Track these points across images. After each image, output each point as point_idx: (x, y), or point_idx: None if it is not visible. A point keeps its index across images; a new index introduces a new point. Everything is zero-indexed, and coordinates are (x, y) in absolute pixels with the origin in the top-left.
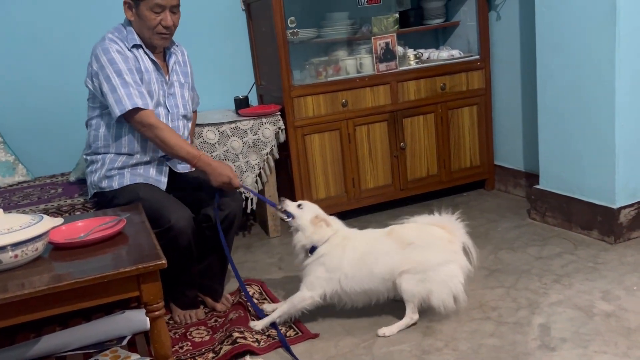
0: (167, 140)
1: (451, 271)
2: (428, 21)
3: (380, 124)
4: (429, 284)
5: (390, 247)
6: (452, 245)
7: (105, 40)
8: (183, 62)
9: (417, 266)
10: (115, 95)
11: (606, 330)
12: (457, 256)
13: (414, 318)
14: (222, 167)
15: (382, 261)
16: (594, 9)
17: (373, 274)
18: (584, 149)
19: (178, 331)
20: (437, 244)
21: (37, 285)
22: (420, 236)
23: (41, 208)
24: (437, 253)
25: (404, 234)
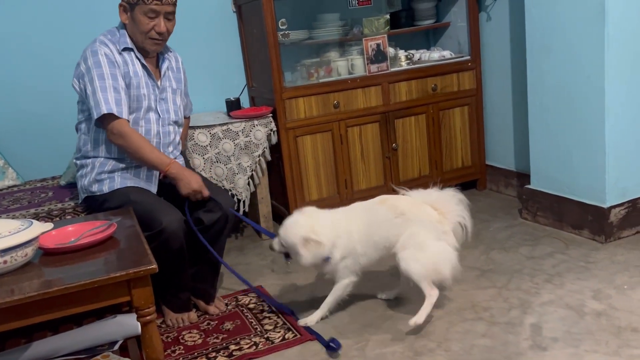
0: (138, 148)
1: (444, 248)
2: (419, 22)
3: (372, 125)
4: (432, 257)
5: (384, 215)
6: (442, 226)
7: (96, 43)
8: (177, 68)
9: (409, 240)
10: (95, 98)
11: (597, 329)
12: (446, 236)
13: (434, 294)
14: (192, 175)
15: (378, 231)
16: (583, 10)
17: (377, 244)
18: (574, 148)
19: (170, 335)
20: (427, 221)
21: (27, 291)
22: (411, 209)
23: (31, 212)
24: (427, 228)
25: (396, 202)
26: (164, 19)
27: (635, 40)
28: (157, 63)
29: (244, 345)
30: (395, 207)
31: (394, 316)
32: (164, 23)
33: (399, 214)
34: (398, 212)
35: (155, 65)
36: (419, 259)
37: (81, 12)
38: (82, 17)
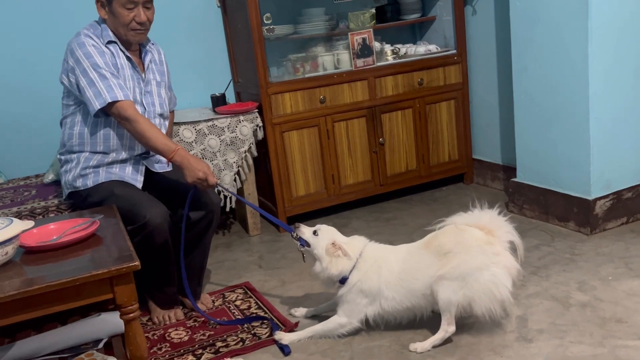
0: (144, 132)
1: (494, 276)
2: (405, 16)
3: (358, 120)
4: (469, 292)
5: (428, 261)
6: (492, 247)
7: (81, 35)
8: (159, 61)
9: (452, 271)
10: (94, 89)
11: (582, 320)
12: (499, 258)
13: (450, 331)
14: (199, 163)
15: (420, 277)
16: (567, 4)
17: (414, 292)
18: (559, 141)
19: (156, 332)
20: (474, 248)
21: (7, 290)
22: (458, 241)
23: (14, 211)
24: (474, 257)
25: (441, 242)
26: (142, 8)
27: (619, 33)
28: (140, 56)
29: (231, 342)
30: (441, 247)
31: None
32: (144, 12)
33: (445, 254)
34: (444, 252)
35: (138, 58)
36: (453, 288)
37: (59, 10)
38: (60, 16)
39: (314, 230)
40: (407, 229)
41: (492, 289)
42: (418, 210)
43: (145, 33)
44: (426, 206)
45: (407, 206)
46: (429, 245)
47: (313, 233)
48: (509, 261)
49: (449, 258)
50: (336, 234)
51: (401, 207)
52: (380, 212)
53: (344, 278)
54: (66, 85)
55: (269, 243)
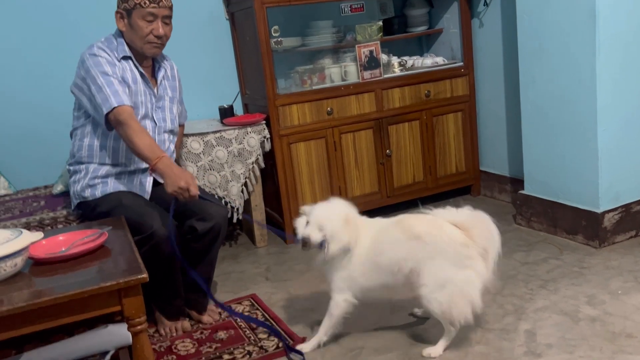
0: (132, 137)
1: (467, 278)
2: (412, 29)
3: (365, 132)
4: (453, 301)
5: (396, 237)
6: (467, 250)
7: (94, 47)
8: (172, 76)
9: (433, 280)
10: (102, 95)
11: (591, 335)
12: (471, 262)
13: (453, 330)
14: (182, 172)
15: (386, 252)
16: (574, 16)
17: (380, 267)
18: (567, 153)
19: (163, 344)
20: (448, 249)
21: (17, 302)
22: (429, 232)
23: (23, 222)
24: (448, 260)
25: (412, 223)
26: (161, 22)
27: (627, 45)
28: (153, 72)
29: (238, 355)
30: (411, 228)
31: (388, 323)
32: (162, 26)
33: (414, 237)
34: (413, 234)
35: (151, 74)
36: (439, 300)
37: (69, 24)
38: (70, 30)
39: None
40: None
41: (464, 291)
42: None
43: (161, 48)
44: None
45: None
46: (400, 222)
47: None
48: (480, 267)
49: (417, 243)
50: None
51: None
52: None
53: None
54: (76, 95)
55: (276, 255)
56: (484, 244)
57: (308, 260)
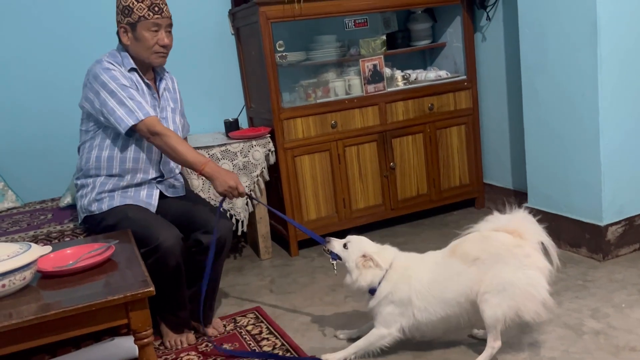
0: (176, 146)
1: (531, 278)
2: (415, 42)
3: (369, 145)
4: (513, 301)
5: (456, 268)
6: (522, 249)
7: (103, 62)
8: (173, 89)
9: (491, 284)
10: (125, 108)
11: (595, 348)
12: (531, 260)
13: (496, 346)
14: (229, 173)
15: (451, 285)
16: (576, 30)
17: (446, 300)
18: (570, 167)
19: (168, 357)
20: (504, 253)
21: (25, 315)
22: (484, 248)
23: (30, 234)
24: (507, 264)
25: (466, 249)
26: (165, 31)
27: (629, 57)
28: (155, 83)
29: None
30: (467, 254)
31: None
32: (166, 36)
33: (473, 261)
34: (471, 259)
35: (154, 85)
36: (498, 303)
37: (79, 36)
38: (78, 41)
39: (344, 244)
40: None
41: (532, 292)
42: (429, 235)
43: (166, 57)
44: (437, 230)
45: (418, 230)
46: (454, 253)
47: (344, 246)
48: (541, 262)
49: (478, 265)
50: (367, 245)
51: (412, 232)
52: (391, 236)
53: (373, 289)
54: (87, 109)
55: (280, 267)
56: (537, 238)
57: (312, 273)
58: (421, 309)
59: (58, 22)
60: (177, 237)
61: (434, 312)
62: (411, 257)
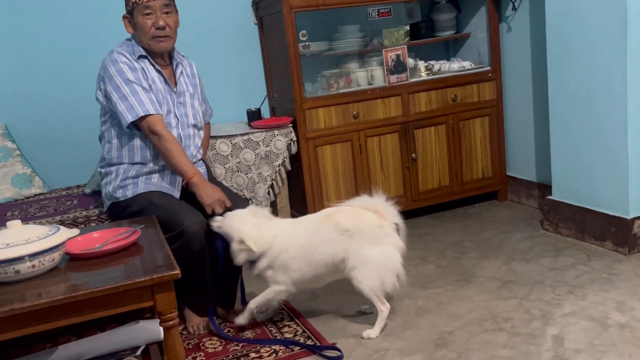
0: (170, 150)
1: (388, 253)
2: (439, 33)
3: (391, 135)
4: (377, 273)
5: (327, 235)
6: (383, 229)
7: (114, 53)
8: (191, 74)
9: (357, 259)
10: (126, 103)
11: (620, 341)
12: (389, 238)
13: (385, 309)
14: (215, 187)
15: (321, 249)
16: (605, 20)
17: (316, 262)
18: (596, 159)
19: (191, 341)
20: (369, 231)
21: (54, 295)
22: (354, 223)
23: (57, 219)
24: (369, 241)
25: (339, 219)
26: (162, 14)
27: None
28: (173, 70)
29: (264, 353)
30: (339, 224)
31: (414, 325)
32: (163, 18)
33: (344, 231)
34: (342, 229)
35: (170, 72)
36: (367, 276)
37: (104, 23)
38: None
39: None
40: (440, 245)
41: (389, 265)
42: (451, 227)
43: (169, 40)
44: (459, 223)
45: (440, 222)
46: (327, 219)
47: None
48: (397, 240)
49: (347, 236)
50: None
51: (434, 223)
52: (412, 227)
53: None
54: (100, 101)
55: None
56: (395, 220)
57: None
58: (295, 270)
59: (84, 11)
60: (202, 223)
61: (305, 272)
62: (288, 228)
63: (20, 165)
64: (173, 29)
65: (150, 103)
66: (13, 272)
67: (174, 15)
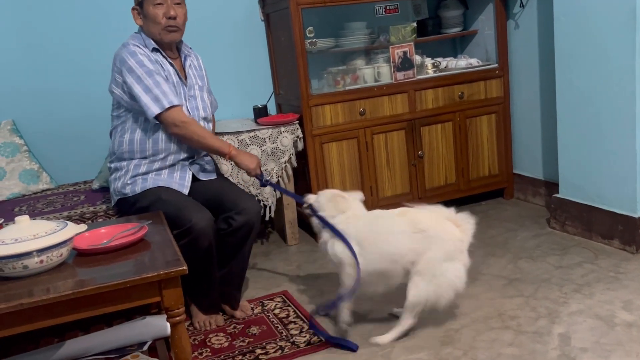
0: (200, 136)
1: (459, 272)
2: (446, 30)
3: (398, 133)
4: (439, 289)
5: (402, 228)
6: (461, 245)
7: (130, 45)
8: (198, 66)
9: (426, 270)
10: (151, 95)
11: (628, 340)
12: (463, 256)
13: (407, 326)
14: (250, 155)
15: (393, 240)
16: (613, 17)
17: (385, 254)
18: (604, 157)
19: (197, 337)
20: (450, 243)
21: (62, 290)
22: (433, 226)
23: (64, 215)
24: (446, 251)
25: (418, 217)
26: (172, 4)
27: None
28: (182, 63)
29: (270, 350)
30: (416, 221)
31: (420, 323)
32: (174, 8)
33: (419, 230)
34: (418, 227)
35: (180, 66)
36: (427, 289)
37: (113, 18)
38: (112, 23)
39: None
40: None
41: (456, 284)
42: None
43: (178, 32)
44: None
45: None
46: (404, 213)
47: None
48: (467, 259)
49: (422, 237)
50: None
51: None
52: None
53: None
54: (117, 94)
55: (307, 253)
56: (470, 239)
57: None
58: (360, 255)
59: (92, 6)
60: (209, 220)
61: (372, 260)
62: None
63: (28, 160)
64: (183, 21)
65: (173, 94)
66: (21, 267)
67: (184, 7)
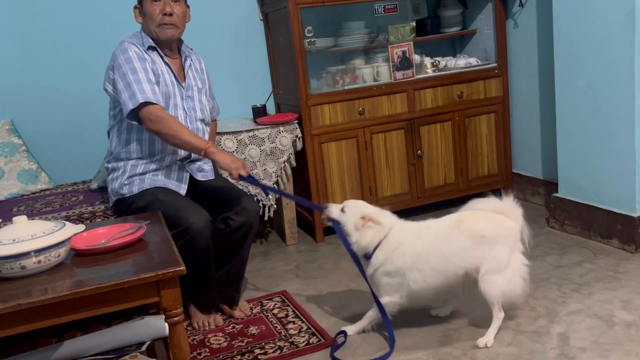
0: (175, 131)
1: (522, 260)
2: (445, 29)
3: (397, 132)
4: (509, 281)
5: (463, 244)
6: (517, 233)
7: (124, 43)
8: (200, 69)
9: (493, 267)
10: (129, 91)
11: (627, 340)
12: (519, 244)
13: (501, 317)
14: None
15: (455, 260)
16: (612, 16)
17: (446, 273)
18: (603, 156)
19: (196, 337)
20: (506, 235)
21: (60, 291)
22: (490, 227)
23: (63, 215)
24: (507, 245)
25: (474, 226)
26: (170, 1)
27: None
28: (182, 63)
29: (269, 350)
30: (475, 231)
31: (419, 323)
32: (171, 5)
33: (480, 238)
34: (478, 236)
35: (179, 66)
36: (501, 282)
37: (112, 17)
38: (113, 22)
39: (341, 208)
40: None
41: (523, 274)
42: None
43: (174, 29)
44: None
45: None
46: (459, 226)
47: (341, 210)
48: (521, 245)
49: (484, 243)
50: (365, 207)
51: None
52: None
53: (369, 255)
54: (109, 92)
55: (306, 253)
56: (521, 224)
57: (337, 259)
58: (417, 281)
59: (91, 6)
60: (207, 220)
61: (431, 282)
62: (407, 229)
63: (27, 160)
64: (180, 18)
65: (152, 92)
66: (19, 267)
67: (182, 5)
